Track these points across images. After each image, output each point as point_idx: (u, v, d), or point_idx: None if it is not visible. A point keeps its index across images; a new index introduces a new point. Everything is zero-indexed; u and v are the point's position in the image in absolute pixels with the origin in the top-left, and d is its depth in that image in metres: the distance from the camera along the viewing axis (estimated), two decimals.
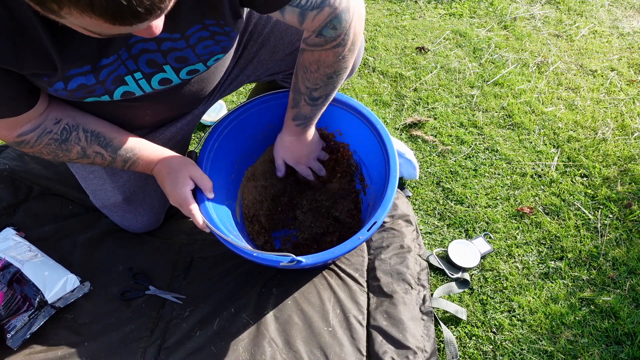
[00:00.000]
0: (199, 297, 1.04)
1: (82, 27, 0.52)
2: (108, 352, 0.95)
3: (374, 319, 1.00)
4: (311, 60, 0.89)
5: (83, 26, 0.51)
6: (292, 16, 0.81)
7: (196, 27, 0.76)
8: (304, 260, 0.85)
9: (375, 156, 1.05)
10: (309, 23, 0.82)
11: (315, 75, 0.91)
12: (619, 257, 1.18)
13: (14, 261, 0.98)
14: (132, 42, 0.75)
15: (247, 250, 0.86)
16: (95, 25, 0.50)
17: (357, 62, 1.05)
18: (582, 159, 1.41)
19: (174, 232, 1.17)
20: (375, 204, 0.97)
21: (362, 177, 1.16)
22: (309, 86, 0.93)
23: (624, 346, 1.02)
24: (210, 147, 1.02)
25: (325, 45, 0.86)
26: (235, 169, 1.12)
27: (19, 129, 0.80)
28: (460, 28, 1.91)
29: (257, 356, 0.93)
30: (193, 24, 0.76)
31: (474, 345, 1.04)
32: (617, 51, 1.79)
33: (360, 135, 1.09)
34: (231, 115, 1.06)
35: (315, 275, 1.07)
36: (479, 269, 1.17)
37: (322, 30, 0.84)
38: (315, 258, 0.86)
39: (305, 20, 0.81)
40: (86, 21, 0.49)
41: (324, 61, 0.89)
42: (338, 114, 1.10)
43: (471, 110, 1.57)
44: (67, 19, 0.49)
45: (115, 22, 0.49)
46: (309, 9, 0.79)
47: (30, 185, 1.20)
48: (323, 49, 0.87)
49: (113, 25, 0.49)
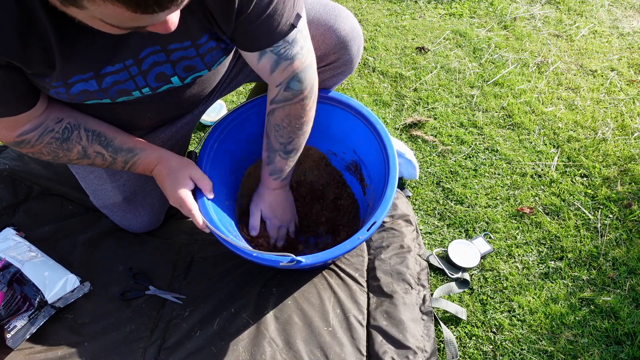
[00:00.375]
0: (199, 297, 1.04)
1: (100, 18, 0.51)
2: (108, 352, 0.95)
3: (374, 319, 1.00)
4: (282, 116, 0.93)
5: (101, 17, 0.51)
6: (267, 62, 0.84)
7: (206, 36, 0.78)
8: (304, 260, 0.85)
9: (375, 156, 1.05)
10: (279, 73, 0.86)
11: (288, 129, 0.95)
12: (619, 257, 1.18)
13: (14, 261, 0.98)
14: (143, 57, 0.75)
15: (247, 250, 0.86)
16: (115, 15, 0.50)
17: (355, 60, 1.06)
18: (582, 159, 1.41)
19: (174, 232, 1.17)
20: (375, 204, 0.97)
21: (361, 177, 1.16)
22: (282, 142, 0.97)
23: (624, 346, 1.02)
24: (210, 147, 1.02)
25: (294, 99, 0.91)
26: (235, 169, 1.12)
27: (19, 128, 0.80)
28: (460, 28, 1.91)
29: (257, 356, 0.93)
30: (203, 33, 0.77)
31: (474, 345, 1.04)
32: (617, 51, 1.79)
33: (360, 135, 1.09)
34: (231, 115, 1.06)
35: (315, 275, 1.07)
36: (479, 269, 1.17)
37: (289, 82, 0.88)
38: (314, 258, 0.86)
39: (277, 69, 0.85)
40: (108, 10, 0.48)
41: (294, 114, 0.93)
42: (338, 113, 1.10)
43: (471, 110, 1.57)
44: (87, 9, 0.49)
45: (137, 10, 0.49)
46: (284, 59, 0.83)
47: (30, 185, 1.20)
48: (292, 103, 0.91)
49: (135, 13, 0.49)
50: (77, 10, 0.50)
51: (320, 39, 0.98)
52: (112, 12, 0.49)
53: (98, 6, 0.48)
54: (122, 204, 1.06)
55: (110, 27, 0.54)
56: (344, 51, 1.01)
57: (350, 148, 1.15)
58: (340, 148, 1.18)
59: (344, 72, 1.07)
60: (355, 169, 1.17)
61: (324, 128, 1.15)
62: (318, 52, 1.00)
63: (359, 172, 1.16)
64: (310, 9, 0.98)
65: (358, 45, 1.03)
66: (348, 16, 0.99)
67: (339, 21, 0.97)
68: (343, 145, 1.17)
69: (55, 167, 1.22)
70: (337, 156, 1.21)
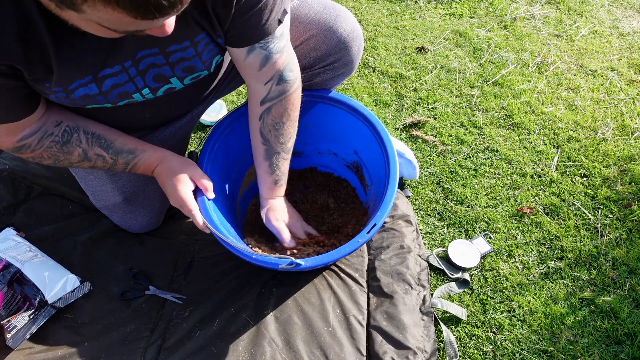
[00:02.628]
0: (199, 297, 1.04)
1: (99, 22, 0.51)
2: (108, 352, 0.95)
3: (374, 319, 1.00)
4: (281, 112, 0.93)
5: (100, 22, 0.51)
6: (256, 58, 0.84)
7: (203, 34, 0.78)
8: (303, 263, 0.84)
9: (376, 157, 1.05)
10: (269, 67, 0.86)
11: (287, 125, 0.95)
12: (619, 257, 1.18)
13: (14, 261, 0.98)
14: (140, 57, 0.75)
15: (247, 252, 0.86)
16: (114, 20, 0.49)
17: (356, 61, 1.06)
18: (582, 159, 1.41)
19: (174, 232, 1.17)
20: (376, 205, 0.97)
21: (362, 177, 1.16)
22: (283, 140, 0.96)
23: (624, 346, 1.02)
24: (210, 148, 1.02)
25: (290, 90, 0.91)
26: (236, 170, 1.12)
27: (19, 133, 0.80)
28: (460, 28, 1.91)
29: (257, 356, 0.93)
30: (200, 30, 0.77)
31: (474, 345, 1.04)
32: (617, 51, 1.79)
33: (361, 136, 1.09)
34: (232, 116, 1.06)
35: (315, 276, 1.07)
36: (479, 269, 1.16)
37: (282, 75, 0.88)
38: (314, 261, 0.86)
39: (268, 63, 0.85)
40: (108, 14, 0.48)
41: (292, 106, 0.93)
42: (338, 114, 1.10)
43: (471, 110, 1.57)
44: (86, 13, 0.48)
45: (137, 16, 0.48)
46: (274, 52, 0.84)
47: (30, 185, 1.20)
48: (289, 95, 0.91)
49: (134, 19, 0.49)
50: (74, 14, 0.49)
51: (320, 39, 0.98)
52: (111, 17, 0.48)
53: (98, 11, 0.47)
54: (122, 204, 1.06)
55: (107, 30, 0.53)
56: (344, 52, 1.01)
57: (351, 148, 1.15)
58: (341, 148, 1.18)
59: (345, 73, 1.07)
60: (357, 169, 1.17)
61: (325, 128, 1.15)
62: (318, 52, 1.00)
63: (360, 172, 1.16)
64: (310, 9, 0.98)
65: (358, 45, 1.03)
66: (348, 17, 0.99)
67: (339, 22, 0.97)
68: (343, 145, 1.17)
69: (55, 167, 1.22)
70: (338, 156, 1.20)
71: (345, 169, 1.22)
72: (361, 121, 1.07)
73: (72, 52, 0.68)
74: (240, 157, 1.11)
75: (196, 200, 0.91)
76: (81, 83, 0.73)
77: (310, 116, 1.12)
